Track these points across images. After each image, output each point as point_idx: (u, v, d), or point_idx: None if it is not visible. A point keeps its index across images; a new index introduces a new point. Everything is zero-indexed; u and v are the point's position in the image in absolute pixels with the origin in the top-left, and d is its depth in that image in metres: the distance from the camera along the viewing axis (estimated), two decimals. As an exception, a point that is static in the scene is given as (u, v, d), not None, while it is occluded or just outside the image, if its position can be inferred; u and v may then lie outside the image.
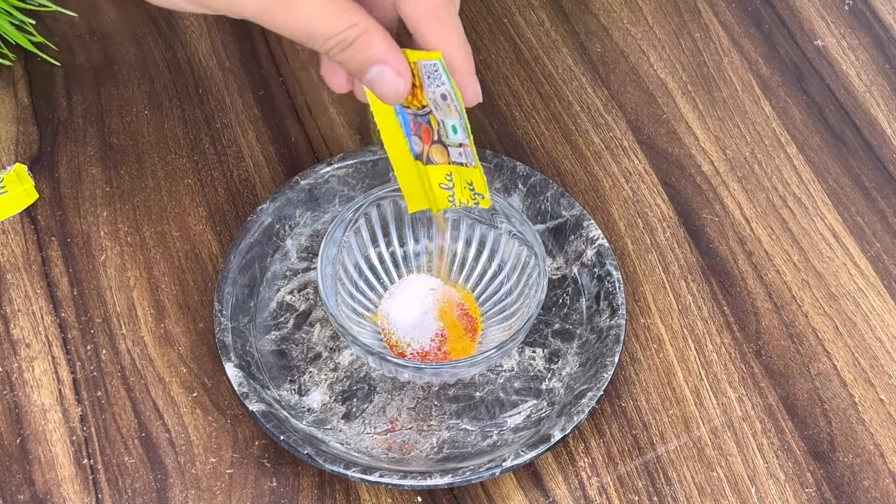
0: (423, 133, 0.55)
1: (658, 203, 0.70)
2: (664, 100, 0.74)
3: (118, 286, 0.66)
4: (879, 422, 0.62)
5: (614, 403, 0.62)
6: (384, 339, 0.62)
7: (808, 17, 0.78)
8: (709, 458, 0.61)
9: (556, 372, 0.62)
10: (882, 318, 0.66)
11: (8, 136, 0.71)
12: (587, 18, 0.78)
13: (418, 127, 0.55)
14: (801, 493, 0.60)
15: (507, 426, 0.61)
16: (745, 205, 0.70)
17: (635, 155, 0.72)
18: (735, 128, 0.73)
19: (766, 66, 0.76)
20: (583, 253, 0.65)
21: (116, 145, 0.71)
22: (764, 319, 0.66)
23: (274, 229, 0.66)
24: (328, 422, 0.60)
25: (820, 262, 0.68)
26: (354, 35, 0.49)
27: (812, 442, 0.62)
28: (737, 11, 0.79)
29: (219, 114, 0.73)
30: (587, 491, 0.60)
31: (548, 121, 0.73)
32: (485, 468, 0.57)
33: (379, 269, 0.64)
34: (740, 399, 0.63)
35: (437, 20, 0.50)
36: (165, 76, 0.74)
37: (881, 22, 0.78)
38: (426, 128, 0.55)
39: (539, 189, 0.67)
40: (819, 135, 0.73)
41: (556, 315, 0.64)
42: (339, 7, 0.49)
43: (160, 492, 0.59)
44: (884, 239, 0.69)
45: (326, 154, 0.71)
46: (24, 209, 0.68)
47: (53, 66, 0.74)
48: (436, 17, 0.50)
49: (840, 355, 0.64)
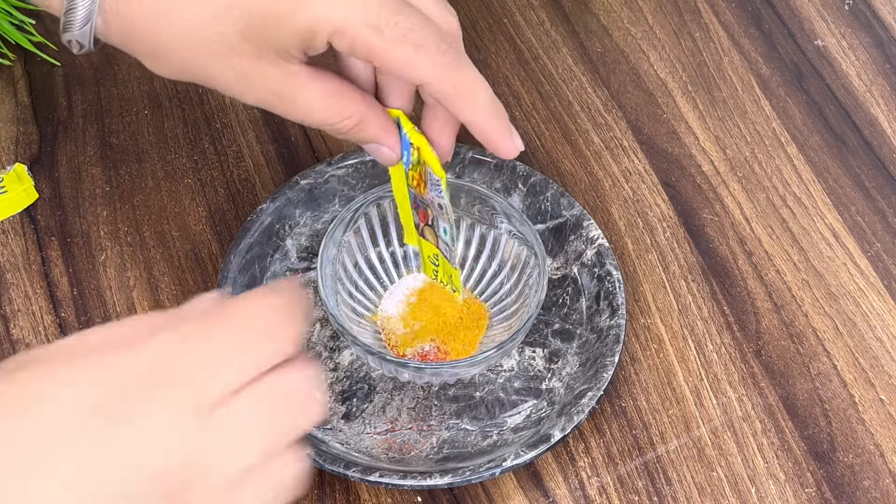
0: (420, 213, 0.58)
1: (658, 203, 0.70)
2: (664, 100, 0.74)
3: (118, 286, 0.66)
4: (879, 422, 0.62)
5: (614, 403, 0.62)
6: (384, 340, 0.62)
7: (809, 17, 0.78)
8: (709, 458, 0.61)
9: (556, 372, 0.62)
10: (882, 317, 0.66)
11: (8, 135, 0.71)
12: (587, 18, 0.78)
13: (417, 206, 0.58)
14: (801, 493, 0.60)
15: (507, 426, 0.60)
16: (745, 205, 0.70)
17: (635, 155, 0.72)
18: (735, 128, 0.73)
19: (767, 66, 0.76)
20: (583, 253, 0.65)
21: (116, 145, 0.71)
22: (764, 319, 0.66)
23: (274, 229, 0.66)
24: (328, 422, 0.60)
25: (820, 262, 0.68)
26: (349, 126, 0.52)
27: (812, 442, 0.62)
28: (737, 11, 0.79)
29: (219, 114, 0.73)
30: (587, 491, 0.60)
31: (548, 121, 0.73)
32: (485, 468, 0.57)
33: (379, 269, 0.64)
34: (740, 399, 0.63)
35: (460, 99, 0.51)
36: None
37: (881, 22, 0.78)
38: (422, 211, 0.58)
39: (539, 189, 0.67)
40: (819, 135, 0.73)
41: (556, 315, 0.64)
42: (335, 100, 0.52)
43: (160, 492, 0.59)
44: (884, 239, 0.69)
45: (326, 154, 0.71)
46: (23, 209, 0.68)
47: (53, 66, 0.74)
48: (458, 96, 0.51)
49: (840, 355, 0.64)
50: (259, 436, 0.40)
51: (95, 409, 0.37)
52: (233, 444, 0.39)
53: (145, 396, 0.38)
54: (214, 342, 0.39)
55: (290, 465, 0.41)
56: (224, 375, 0.39)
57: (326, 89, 0.51)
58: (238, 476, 0.39)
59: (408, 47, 0.49)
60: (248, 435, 0.39)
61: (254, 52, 0.50)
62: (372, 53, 0.49)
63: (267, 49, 0.49)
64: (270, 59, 0.50)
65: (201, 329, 0.40)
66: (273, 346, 0.40)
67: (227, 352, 0.39)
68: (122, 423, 0.37)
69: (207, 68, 0.51)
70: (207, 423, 0.38)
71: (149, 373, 0.38)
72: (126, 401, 0.37)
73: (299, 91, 0.51)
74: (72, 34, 0.52)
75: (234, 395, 0.39)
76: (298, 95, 0.51)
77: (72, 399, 0.37)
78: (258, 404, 0.39)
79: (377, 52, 0.49)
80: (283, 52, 0.50)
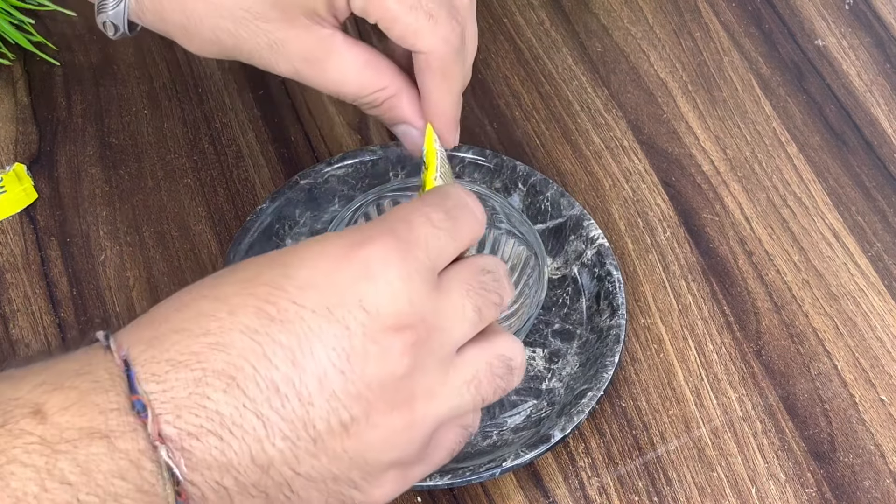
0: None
1: (658, 203, 0.70)
2: (664, 99, 0.74)
3: (117, 286, 0.66)
4: (880, 422, 0.62)
5: (614, 403, 0.62)
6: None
7: (809, 17, 0.78)
8: (709, 458, 0.61)
9: (556, 372, 0.62)
10: (882, 317, 0.66)
11: (7, 135, 0.71)
12: (587, 18, 0.78)
13: None
14: (802, 494, 0.60)
15: (507, 426, 0.60)
16: (745, 204, 0.70)
17: (635, 154, 0.72)
18: (735, 127, 0.73)
19: (767, 66, 0.76)
20: (583, 253, 0.65)
21: (116, 145, 0.71)
22: (764, 319, 0.65)
23: (274, 229, 0.66)
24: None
25: (820, 262, 0.68)
26: (382, 98, 0.52)
27: (812, 442, 0.61)
28: (737, 11, 0.79)
29: (218, 114, 0.72)
30: (587, 491, 0.60)
31: (548, 120, 0.73)
32: (485, 468, 0.57)
33: (379, 268, 0.64)
34: (740, 399, 0.63)
35: (443, 78, 0.52)
36: (165, 76, 0.74)
37: (881, 21, 0.78)
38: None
39: (539, 189, 0.67)
40: (819, 134, 0.73)
41: (556, 315, 0.64)
42: (370, 70, 0.52)
43: (159, 492, 0.59)
44: (884, 238, 0.69)
45: (326, 154, 0.71)
46: (23, 209, 0.68)
47: (53, 66, 0.74)
48: (444, 76, 0.52)
49: (840, 355, 0.64)
50: (474, 306, 0.44)
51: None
52: (457, 311, 0.43)
53: (384, 257, 0.42)
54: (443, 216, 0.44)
55: (511, 345, 0.46)
56: (446, 245, 0.43)
57: (362, 57, 0.51)
58: (459, 343, 0.43)
59: (420, 15, 0.48)
60: (468, 305, 0.43)
61: (284, 17, 0.49)
62: (384, 14, 0.48)
63: (296, 12, 0.49)
64: (302, 24, 0.49)
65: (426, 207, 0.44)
66: (478, 227, 0.45)
67: (451, 226, 0.44)
68: (366, 278, 0.41)
69: (239, 39, 0.51)
70: (439, 286, 0.43)
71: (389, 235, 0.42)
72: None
73: (333, 57, 0.50)
74: (106, 15, 0.52)
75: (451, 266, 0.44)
76: (332, 61, 0.50)
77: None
78: (472, 276, 0.44)
79: (389, 14, 0.48)
80: (312, 15, 0.49)
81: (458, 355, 0.44)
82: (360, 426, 0.41)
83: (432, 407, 0.42)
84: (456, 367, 0.43)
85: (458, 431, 0.46)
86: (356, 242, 0.42)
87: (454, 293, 0.43)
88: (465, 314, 0.43)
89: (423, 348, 0.42)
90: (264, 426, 0.40)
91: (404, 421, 0.42)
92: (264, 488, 0.40)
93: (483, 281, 0.45)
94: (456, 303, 0.43)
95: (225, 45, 0.52)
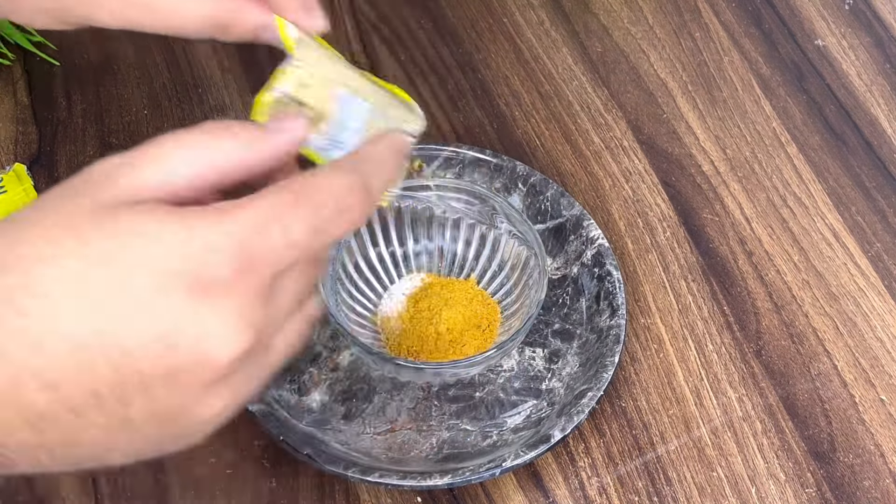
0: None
1: (658, 203, 0.70)
2: (664, 99, 0.74)
3: (117, 286, 0.65)
4: (880, 422, 0.62)
5: (614, 403, 0.62)
6: (384, 340, 0.62)
7: (809, 17, 0.78)
8: (709, 458, 0.61)
9: (556, 372, 0.62)
10: (882, 318, 0.66)
11: (7, 135, 0.71)
12: (587, 18, 0.78)
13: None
14: (802, 494, 0.60)
15: (507, 426, 0.60)
16: (745, 204, 0.70)
17: (635, 155, 0.72)
18: (735, 127, 0.73)
19: (767, 66, 0.76)
20: (583, 253, 0.65)
21: (116, 145, 0.71)
22: (764, 319, 0.65)
23: (273, 229, 0.66)
24: (328, 422, 0.60)
25: (820, 262, 0.68)
26: (228, 12, 0.46)
27: (812, 442, 0.61)
28: (737, 11, 0.79)
29: (218, 114, 0.72)
30: (587, 491, 0.60)
31: (548, 120, 0.73)
32: (485, 468, 0.57)
33: (379, 269, 0.64)
34: (740, 399, 0.63)
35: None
36: (165, 76, 0.74)
37: (881, 21, 0.78)
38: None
39: (539, 189, 0.67)
40: (819, 134, 0.73)
41: (556, 315, 0.64)
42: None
43: (160, 492, 0.59)
44: (884, 239, 0.69)
45: (326, 154, 0.71)
46: (23, 209, 0.68)
47: (53, 66, 0.74)
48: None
49: (840, 355, 0.64)
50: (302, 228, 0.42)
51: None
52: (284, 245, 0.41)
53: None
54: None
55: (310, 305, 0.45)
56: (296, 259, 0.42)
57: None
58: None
59: None
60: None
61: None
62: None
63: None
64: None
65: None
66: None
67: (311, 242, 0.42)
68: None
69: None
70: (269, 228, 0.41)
71: None
72: None
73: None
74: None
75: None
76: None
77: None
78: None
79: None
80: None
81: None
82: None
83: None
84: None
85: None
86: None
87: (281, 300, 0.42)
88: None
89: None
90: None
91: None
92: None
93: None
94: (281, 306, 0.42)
95: (46, 4, 0.46)
